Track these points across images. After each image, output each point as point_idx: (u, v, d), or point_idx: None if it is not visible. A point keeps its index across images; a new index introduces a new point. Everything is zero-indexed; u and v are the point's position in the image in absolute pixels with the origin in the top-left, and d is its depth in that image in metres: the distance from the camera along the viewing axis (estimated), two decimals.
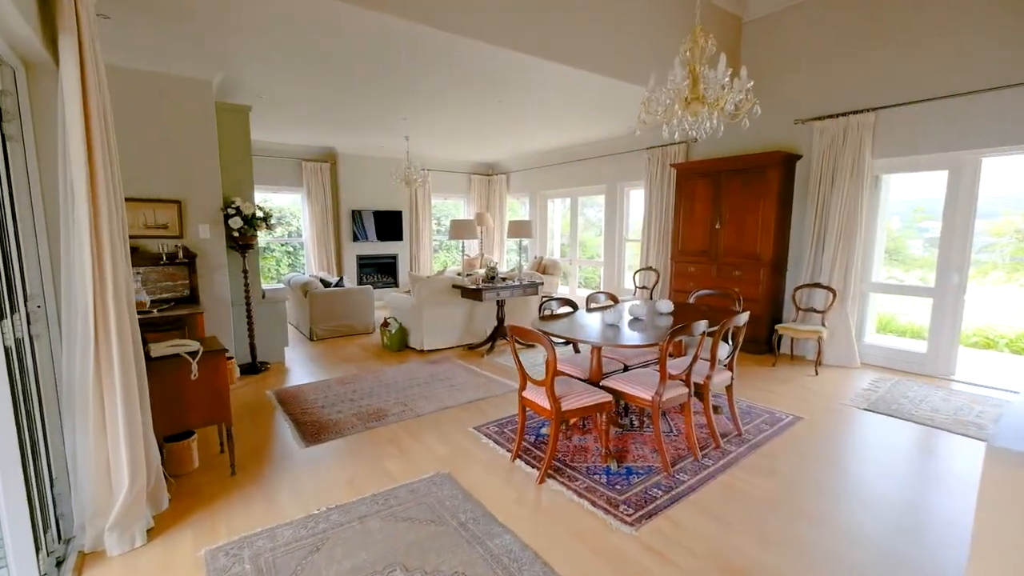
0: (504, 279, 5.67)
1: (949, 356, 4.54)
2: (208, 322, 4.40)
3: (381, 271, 8.97)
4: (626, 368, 3.44)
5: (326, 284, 6.40)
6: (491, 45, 3.77)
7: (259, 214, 4.56)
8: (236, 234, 4.41)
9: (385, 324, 5.64)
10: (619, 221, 7.67)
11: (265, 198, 9.09)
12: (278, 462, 2.95)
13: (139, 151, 3.99)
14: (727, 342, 3.56)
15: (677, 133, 3.12)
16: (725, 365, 3.24)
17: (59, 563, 2.03)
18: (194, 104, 4.18)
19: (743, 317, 3.10)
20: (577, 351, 3.80)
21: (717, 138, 2.92)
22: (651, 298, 6.65)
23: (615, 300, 4.07)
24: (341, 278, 6.52)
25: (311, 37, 3.66)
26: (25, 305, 1.98)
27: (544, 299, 3.78)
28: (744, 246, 5.40)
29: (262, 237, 9.44)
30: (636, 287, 6.88)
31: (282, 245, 9.58)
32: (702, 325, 2.79)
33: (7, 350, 1.70)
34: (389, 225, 8.77)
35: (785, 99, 5.28)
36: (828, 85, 4.97)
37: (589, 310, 3.78)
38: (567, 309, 3.74)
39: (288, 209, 9.40)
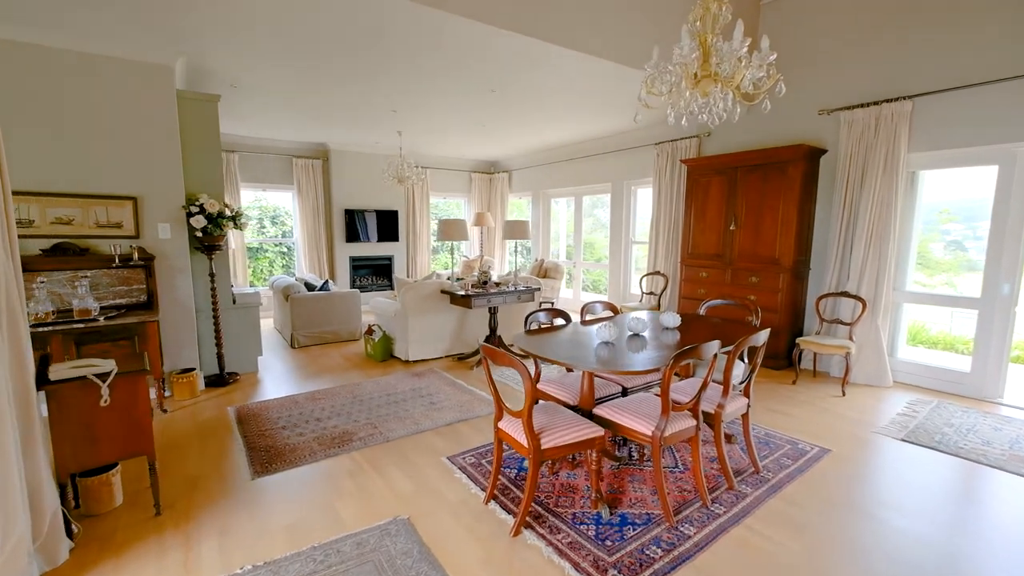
0: (498, 284, 5.23)
1: (997, 376, 3.99)
2: (168, 330, 4.04)
3: (376, 273, 8.59)
4: (625, 392, 2.98)
5: (311, 287, 6.02)
6: (476, 22, 3.33)
7: (227, 213, 4.18)
8: (200, 234, 4.03)
9: (369, 331, 5.23)
10: (625, 222, 7.19)
11: (259, 197, 8.81)
12: (216, 498, 2.54)
13: (88, 143, 3.63)
14: (743, 360, 3.09)
15: (685, 119, 2.65)
16: (741, 391, 2.76)
17: None
18: (152, 92, 3.81)
19: (762, 335, 2.62)
20: (570, 369, 3.34)
21: (733, 123, 2.47)
22: (659, 305, 6.16)
23: (615, 311, 3.60)
24: (326, 281, 6.14)
25: (282, 14, 3.26)
26: None
27: (533, 312, 3.32)
28: (762, 249, 4.89)
29: (252, 237, 9.22)
30: (643, 293, 6.39)
31: (276, 246, 9.25)
32: (713, 347, 2.32)
33: None
34: (384, 225, 8.38)
35: (808, 87, 4.76)
36: (857, 70, 4.44)
37: (584, 323, 3.32)
38: (558, 321, 3.29)
39: (284, 208, 9.08)
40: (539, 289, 5.23)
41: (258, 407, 3.80)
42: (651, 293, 6.30)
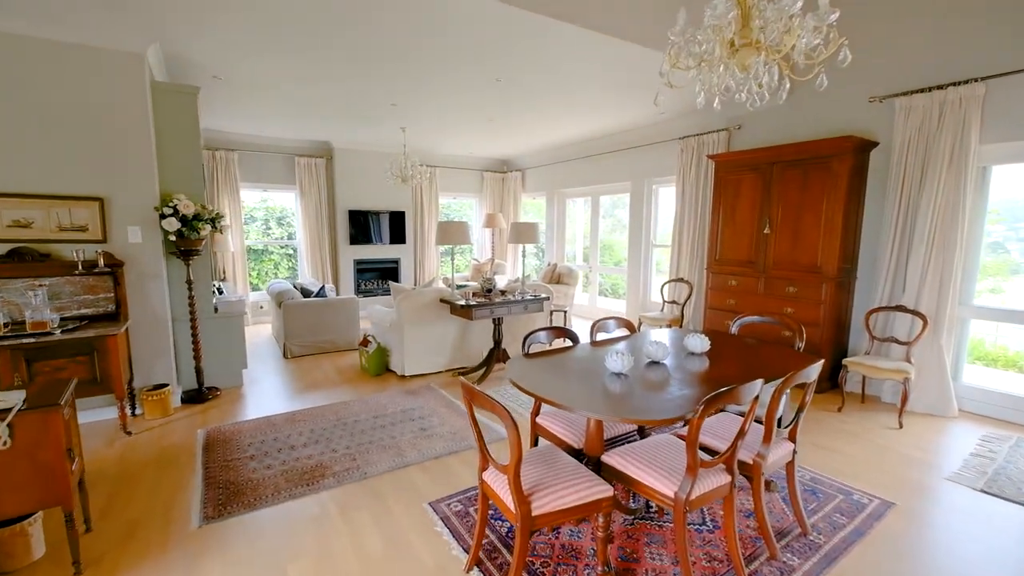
0: (504, 292, 4.78)
1: None
2: (139, 343, 3.70)
3: (382, 277, 8.22)
4: (642, 431, 2.49)
5: (307, 293, 5.67)
6: None
7: (205, 215, 3.82)
8: (173, 237, 3.68)
9: (365, 342, 4.84)
10: (645, 224, 6.64)
11: (265, 197, 8.55)
12: (152, 551, 2.15)
13: (50, 138, 3.31)
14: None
15: (718, 100, 2.16)
16: (786, 435, 2.24)
17: None
18: (121, 83, 3.48)
19: (815, 369, 2.10)
20: None
21: (777, 106, 1.95)
22: (682, 316, 5.61)
23: (631, 329, 3.10)
24: (322, 287, 5.78)
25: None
26: None
27: (533, 331, 2.87)
28: (801, 256, 4.32)
29: (257, 239, 8.97)
30: (664, 301, 5.85)
31: (281, 248, 8.99)
32: (755, 388, 1.82)
33: None
34: (390, 227, 8.01)
35: (855, 69, 4.16)
36: (916, 49, 3.84)
37: (594, 344, 2.84)
38: (563, 342, 2.81)
39: (290, 209, 8.81)
40: (548, 298, 4.76)
41: (231, 430, 3.42)
42: (673, 302, 5.76)
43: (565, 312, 6.06)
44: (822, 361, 2.16)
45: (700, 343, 2.55)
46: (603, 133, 6.74)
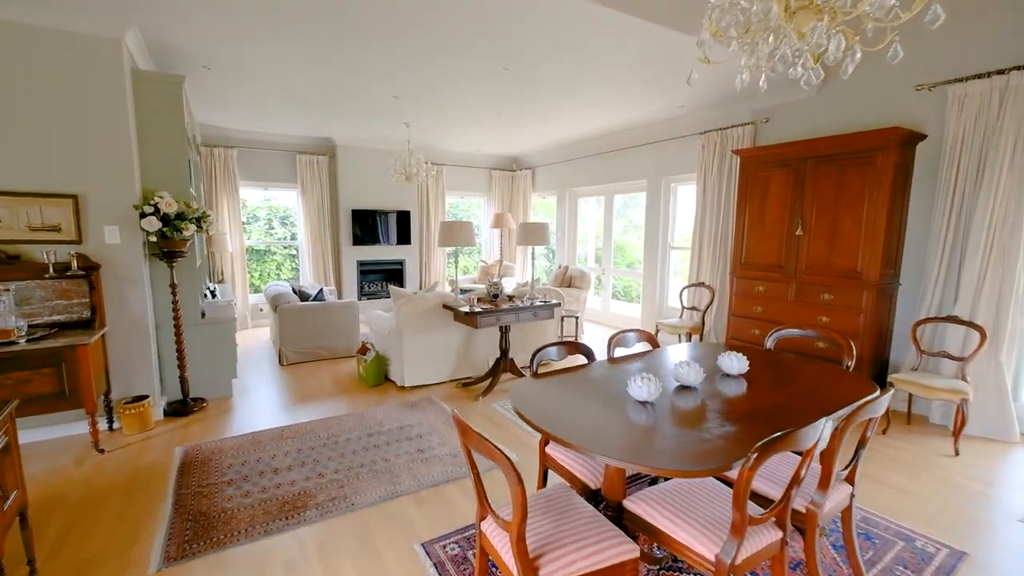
0: (511, 298, 4.45)
1: None
2: (117, 351, 3.44)
3: (387, 279, 7.94)
4: None
5: (304, 297, 5.39)
6: None
7: (189, 214, 3.55)
8: (154, 238, 3.41)
9: (363, 350, 4.54)
10: (663, 224, 6.27)
11: (268, 196, 8.32)
12: None
13: (17, 131, 3.05)
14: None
15: (765, 77, 1.81)
16: (844, 476, 1.88)
17: None
18: (96, 70, 3.21)
19: (883, 403, 1.73)
20: None
21: (843, 78, 1.59)
22: (702, 323, 5.23)
23: (653, 343, 2.75)
24: (320, 290, 5.49)
25: None
26: None
27: (543, 347, 2.54)
28: (838, 260, 3.93)
29: (259, 239, 8.74)
30: (683, 307, 5.47)
31: (285, 248, 8.76)
32: (818, 429, 1.47)
33: None
34: (395, 227, 7.72)
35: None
36: (971, 30, 3.44)
37: (612, 360, 2.49)
38: (575, 359, 2.48)
39: (293, 208, 8.58)
40: (559, 304, 4.42)
41: (211, 449, 3.13)
42: (693, 308, 5.38)
43: (577, 318, 5.71)
44: (891, 393, 1.79)
45: (737, 363, 2.20)
46: (618, 128, 6.38)
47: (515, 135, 6.91)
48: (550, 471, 2.23)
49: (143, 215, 3.34)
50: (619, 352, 2.67)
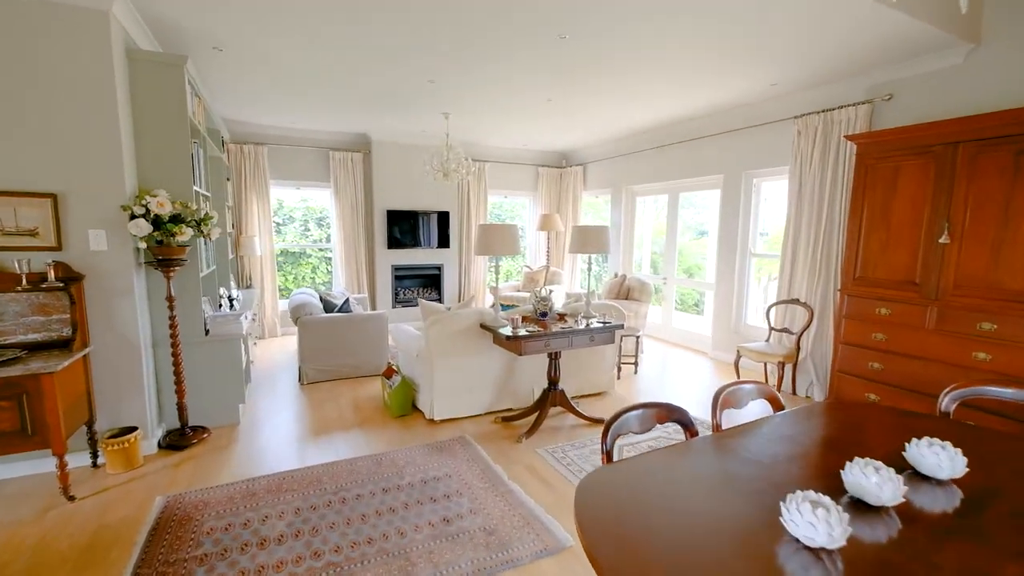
0: (563, 317, 3.70)
1: None
2: (103, 375, 2.97)
3: (424, 286, 7.37)
4: None
5: (330, 307, 4.86)
6: None
7: (188, 216, 3.04)
8: (143, 244, 2.91)
9: (389, 373, 3.92)
10: (742, 227, 5.31)
11: (304, 197, 7.97)
12: None
13: None
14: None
15: None
16: None
17: None
18: (80, 48, 2.73)
19: None
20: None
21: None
22: (797, 349, 4.26)
23: (776, 404, 1.91)
24: (348, 299, 4.94)
25: None
26: None
27: (622, 413, 1.77)
28: (1006, 277, 2.92)
29: (291, 241, 8.40)
30: (771, 328, 4.52)
31: (320, 251, 8.39)
32: None
33: None
34: (433, 229, 7.14)
35: None
36: None
37: (721, 433, 1.69)
38: (666, 429, 1.69)
39: (328, 209, 8.19)
40: (622, 326, 3.62)
41: (196, 502, 2.57)
42: (784, 330, 4.42)
43: (637, 337, 4.88)
44: None
45: (948, 462, 1.34)
46: (688, 115, 5.47)
47: (565, 126, 6.14)
48: None
49: (132, 216, 2.84)
50: (728, 416, 1.85)
